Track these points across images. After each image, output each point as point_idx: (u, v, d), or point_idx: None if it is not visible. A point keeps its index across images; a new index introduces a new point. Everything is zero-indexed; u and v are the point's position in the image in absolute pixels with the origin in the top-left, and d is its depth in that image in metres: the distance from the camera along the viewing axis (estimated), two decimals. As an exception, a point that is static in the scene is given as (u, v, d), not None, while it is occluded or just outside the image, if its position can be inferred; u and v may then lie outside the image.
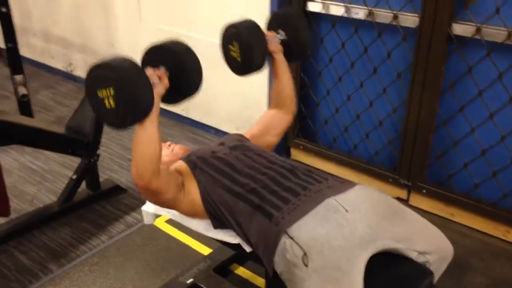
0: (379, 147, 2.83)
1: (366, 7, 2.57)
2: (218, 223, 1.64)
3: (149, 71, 1.44)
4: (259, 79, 3.09)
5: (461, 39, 2.31)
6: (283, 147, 3.19)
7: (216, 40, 1.88)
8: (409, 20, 2.45)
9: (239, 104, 3.30)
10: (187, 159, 1.72)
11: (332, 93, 2.94)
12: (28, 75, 4.59)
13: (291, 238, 1.41)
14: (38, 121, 3.09)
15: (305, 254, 1.37)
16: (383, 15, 2.53)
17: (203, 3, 3.24)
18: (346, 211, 1.47)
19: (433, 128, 2.56)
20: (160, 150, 1.48)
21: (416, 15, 2.41)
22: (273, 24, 1.93)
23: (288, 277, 1.43)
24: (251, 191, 1.55)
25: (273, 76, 1.92)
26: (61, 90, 4.42)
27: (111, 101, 1.33)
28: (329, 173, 1.81)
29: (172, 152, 1.89)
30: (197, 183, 1.64)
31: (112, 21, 3.96)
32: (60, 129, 2.60)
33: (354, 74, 2.78)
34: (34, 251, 2.39)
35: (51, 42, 4.64)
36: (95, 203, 2.76)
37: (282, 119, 1.96)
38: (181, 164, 1.71)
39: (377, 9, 2.54)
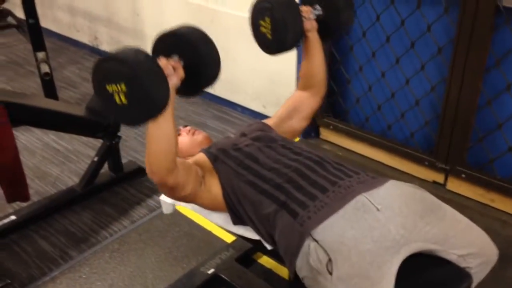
0: (415, 128, 2.64)
1: (403, -24, 2.35)
2: (238, 220, 1.53)
3: (163, 61, 1.28)
4: (288, 56, 2.93)
5: (511, 11, 2.07)
6: (312, 126, 3.03)
7: (243, 14, 1.72)
8: (452, -11, 2.22)
9: (267, 81, 3.15)
10: (207, 151, 1.60)
11: (365, 70, 2.74)
12: (54, 49, 4.59)
13: (316, 241, 1.28)
14: (56, 103, 3.01)
15: (330, 260, 1.24)
16: (423, -15, 2.31)
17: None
18: (378, 210, 1.32)
19: (475, 108, 2.35)
20: (176, 145, 1.35)
21: (460, -16, 2.18)
22: None
23: (311, 284, 1.31)
24: (276, 187, 1.42)
25: (303, 55, 1.72)
26: (86, 66, 4.35)
27: (122, 97, 1.19)
28: (360, 165, 1.66)
29: (193, 137, 1.77)
30: (218, 177, 1.52)
31: (136, -6, 3.83)
32: (80, 111, 2.52)
33: (390, 49, 2.57)
34: (54, 236, 2.35)
35: (76, 15, 4.55)
36: (118, 185, 2.69)
37: (310, 102, 1.78)
38: (201, 156, 1.59)
39: (416, -22, 2.32)
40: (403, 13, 2.44)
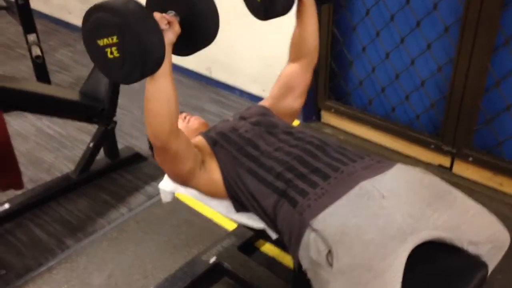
0: (420, 110, 2.57)
1: (409, -49, 2.25)
2: (241, 207, 1.46)
3: (157, 15, 1.18)
4: (286, 38, 2.84)
5: (522, -13, 2.00)
6: (313, 109, 2.95)
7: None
8: (460, -35, 2.13)
9: (265, 63, 3.05)
10: (206, 134, 1.52)
11: (368, 50, 2.65)
12: (46, 32, 4.47)
13: (316, 231, 1.20)
14: (48, 87, 2.92)
15: (329, 251, 1.16)
16: (430, -40, 2.21)
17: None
18: (383, 197, 1.25)
19: (483, 89, 2.27)
20: (177, 106, 1.27)
21: (469, -41, 2.08)
22: None
23: (312, 277, 1.24)
24: (277, 176, 1.35)
25: (296, 19, 1.61)
26: (79, 48, 4.23)
27: (115, 51, 1.10)
28: (363, 150, 1.58)
29: (188, 124, 1.70)
30: (218, 162, 1.45)
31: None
32: (73, 95, 2.43)
33: (394, 28, 2.48)
34: (50, 225, 2.28)
35: (68, -4, 4.43)
36: (114, 172, 2.62)
37: (302, 77, 1.69)
38: (199, 140, 1.52)
39: (422, -47, 2.22)
40: (409, -9, 2.35)
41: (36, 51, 3.13)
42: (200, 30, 1.28)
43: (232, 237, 2.07)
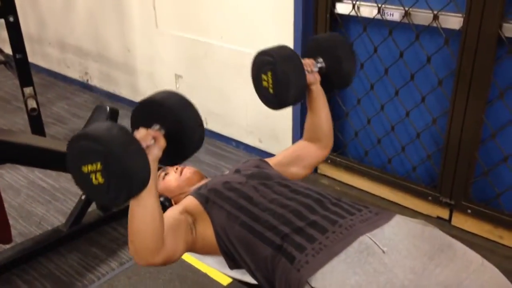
0: (416, 161, 2.56)
1: (402, 7, 2.30)
2: (234, 264, 1.40)
3: (142, 132, 1.21)
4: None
5: (513, 41, 2.04)
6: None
7: (237, 47, 1.65)
8: (452, 20, 2.17)
9: (261, 114, 3.07)
10: (197, 193, 1.48)
11: (363, 102, 2.67)
12: (44, 85, 4.51)
13: None
14: (42, 139, 2.90)
15: None
16: (422, 16, 2.26)
17: (220, 9, 3.02)
18: (383, 252, 1.20)
19: (479, 141, 2.27)
20: (162, 224, 1.24)
21: (460, 15, 2.13)
22: (312, 51, 1.64)
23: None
24: (272, 229, 1.30)
25: (308, 108, 1.65)
26: (76, 101, 4.26)
27: (99, 177, 1.10)
28: (360, 201, 1.55)
29: (181, 177, 1.66)
30: (211, 220, 1.40)
31: (128, 29, 3.78)
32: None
33: (388, 81, 2.51)
34: (38, 281, 2.20)
35: (66, 51, 4.49)
36: (106, 225, 2.55)
37: (316, 153, 1.69)
38: (190, 201, 1.47)
39: (414, 9, 2.27)
40: (402, 45, 2.39)
41: (31, 104, 3.13)
42: (185, 140, 1.28)
43: (227, 293, 2.00)
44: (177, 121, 1.25)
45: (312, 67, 1.57)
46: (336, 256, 1.19)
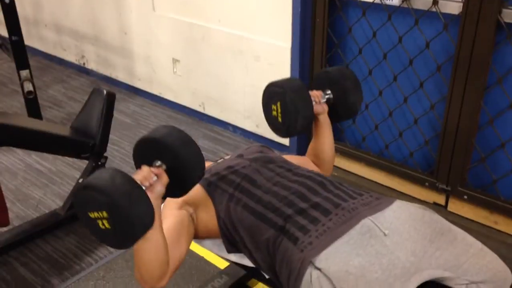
0: (414, 147, 2.56)
1: (401, -8, 2.29)
2: (233, 248, 1.41)
3: (144, 171, 1.24)
4: (280, 74, 2.85)
5: (513, 26, 2.02)
6: (306, 146, 2.93)
7: (235, 31, 1.65)
8: (451, 5, 2.16)
9: (258, 100, 3.03)
10: None
11: (362, 88, 2.65)
12: (40, 68, 4.48)
13: (319, 269, 1.17)
14: (39, 122, 2.88)
15: None
16: (421, 1, 2.24)
17: (220, -10, 3.00)
18: (385, 235, 1.23)
19: (476, 127, 2.28)
20: (167, 254, 1.27)
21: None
22: (322, 82, 1.72)
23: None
24: (274, 211, 1.32)
25: (313, 134, 1.76)
26: (73, 84, 4.23)
27: (106, 223, 1.15)
28: (357, 186, 1.57)
29: None
30: (213, 203, 1.42)
31: (125, 12, 3.74)
32: (63, 130, 2.39)
33: (387, 66, 2.50)
34: (36, 263, 2.21)
35: (62, 33, 4.45)
36: (104, 208, 2.55)
37: (318, 166, 1.80)
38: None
39: (414, -6, 2.26)
40: (401, 30, 2.38)
41: (28, 86, 3.11)
42: (187, 175, 1.30)
43: (224, 276, 2.00)
44: (178, 158, 1.28)
45: (320, 98, 1.67)
46: (339, 238, 1.22)
